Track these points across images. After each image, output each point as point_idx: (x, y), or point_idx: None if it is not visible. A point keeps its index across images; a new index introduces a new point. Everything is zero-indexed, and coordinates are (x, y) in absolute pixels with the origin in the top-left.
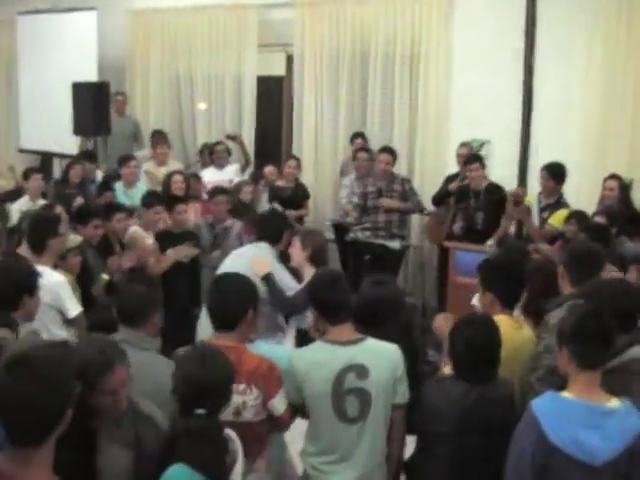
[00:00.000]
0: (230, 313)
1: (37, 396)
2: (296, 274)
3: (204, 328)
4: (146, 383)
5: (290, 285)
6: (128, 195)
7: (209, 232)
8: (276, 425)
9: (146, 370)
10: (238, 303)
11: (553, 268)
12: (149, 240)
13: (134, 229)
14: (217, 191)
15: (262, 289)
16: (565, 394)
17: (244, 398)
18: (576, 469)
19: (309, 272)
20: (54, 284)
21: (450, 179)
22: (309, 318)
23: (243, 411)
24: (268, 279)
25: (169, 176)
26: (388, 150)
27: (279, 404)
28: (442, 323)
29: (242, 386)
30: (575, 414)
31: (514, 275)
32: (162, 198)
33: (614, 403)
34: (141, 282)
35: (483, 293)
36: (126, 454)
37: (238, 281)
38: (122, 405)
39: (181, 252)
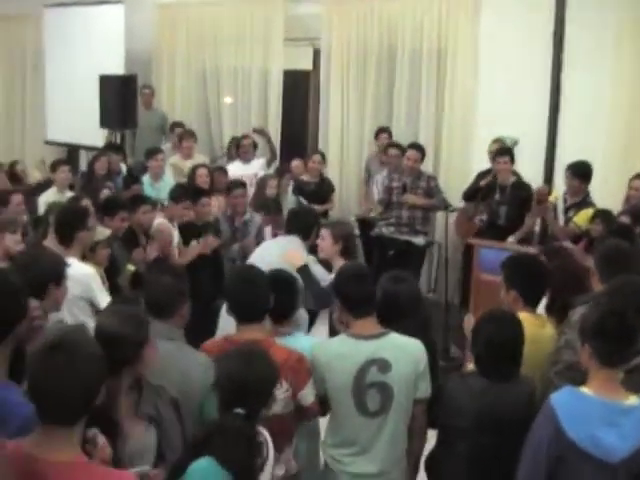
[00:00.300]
0: (257, 305)
1: (77, 377)
2: (326, 267)
3: (225, 320)
4: (172, 373)
5: (325, 277)
6: (155, 188)
7: (229, 226)
8: (304, 416)
9: (172, 360)
10: (265, 295)
11: (575, 267)
12: (175, 232)
13: (160, 221)
14: (235, 184)
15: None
16: (584, 390)
17: (274, 391)
18: (591, 465)
19: (339, 264)
20: (85, 276)
21: (482, 175)
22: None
23: (273, 404)
24: (304, 270)
25: (194, 169)
26: (417, 147)
27: (308, 395)
28: (472, 322)
29: None
30: (593, 411)
31: (538, 273)
32: (190, 192)
33: (632, 401)
34: (167, 273)
35: (507, 290)
36: (152, 431)
37: (262, 273)
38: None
39: (204, 244)
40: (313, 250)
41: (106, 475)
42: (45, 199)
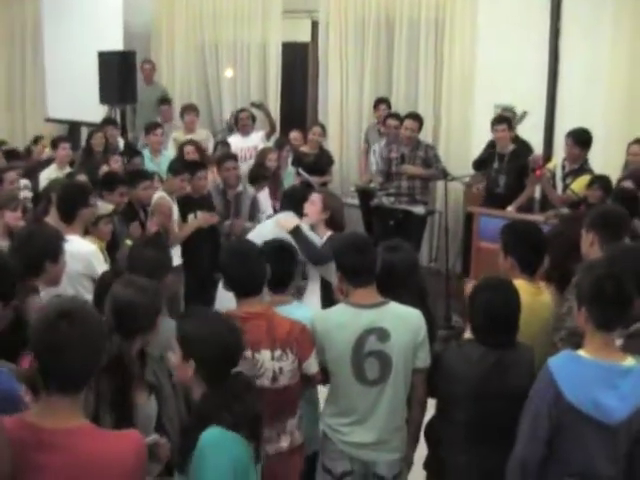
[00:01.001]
0: (253, 279)
1: (83, 346)
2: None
3: (223, 293)
4: (154, 344)
5: (317, 240)
6: (155, 163)
7: (221, 199)
8: (309, 385)
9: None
10: (260, 267)
11: (574, 234)
12: (174, 207)
13: (161, 195)
14: (226, 157)
15: None
16: (581, 353)
17: (280, 364)
18: (590, 427)
19: (323, 233)
20: (86, 253)
21: (493, 144)
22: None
23: (280, 377)
24: (297, 232)
25: (181, 146)
26: (414, 116)
27: (312, 364)
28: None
29: (278, 352)
30: (591, 373)
31: (535, 240)
32: (189, 165)
33: (630, 362)
34: (152, 247)
35: (504, 257)
36: (153, 400)
37: (255, 246)
38: None
39: (202, 219)
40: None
41: (112, 435)
42: (46, 175)
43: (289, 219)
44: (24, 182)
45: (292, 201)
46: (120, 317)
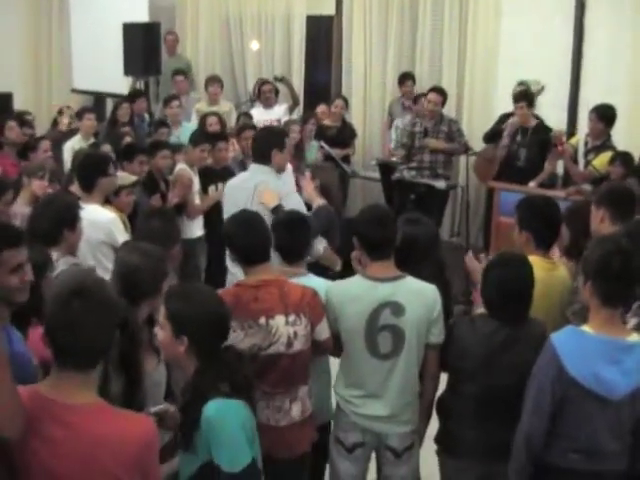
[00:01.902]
0: (259, 246)
1: (98, 322)
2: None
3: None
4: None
5: (301, 208)
6: (174, 134)
7: (239, 170)
8: (320, 351)
9: None
10: (265, 234)
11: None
12: (195, 178)
13: (181, 166)
14: (245, 126)
15: None
16: (585, 328)
17: (295, 328)
18: (593, 402)
19: (318, 202)
20: (107, 221)
21: (504, 118)
22: (319, 251)
23: (294, 341)
24: (278, 211)
25: (203, 117)
26: (437, 90)
27: (324, 330)
28: (472, 264)
29: (292, 317)
30: (594, 348)
31: (551, 215)
32: (209, 136)
33: (634, 338)
34: (158, 218)
35: (519, 232)
36: (162, 366)
37: (256, 214)
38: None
39: (221, 193)
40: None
41: (125, 417)
42: (70, 146)
43: (271, 195)
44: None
45: (254, 150)
46: (125, 282)
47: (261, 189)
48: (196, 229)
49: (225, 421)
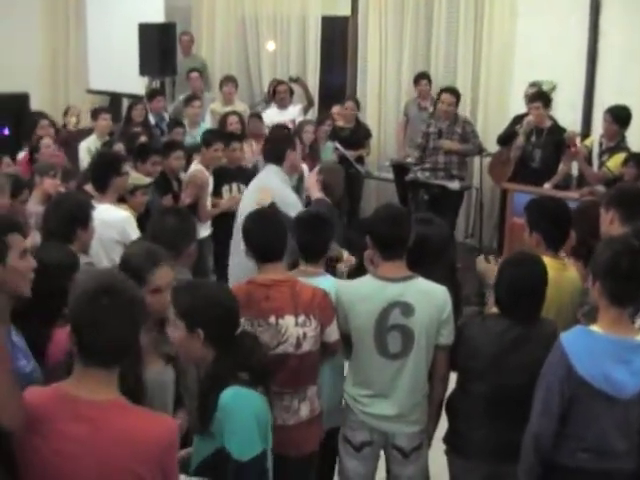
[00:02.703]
0: (275, 244)
1: (126, 320)
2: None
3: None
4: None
5: (297, 207)
6: (191, 135)
7: None
8: (328, 352)
9: None
10: (282, 233)
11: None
12: (210, 180)
13: (197, 168)
14: (277, 127)
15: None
16: (594, 328)
17: (304, 329)
18: (602, 402)
19: (316, 195)
20: (121, 220)
21: (518, 119)
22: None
23: (303, 342)
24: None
25: (225, 116)
26: (451, 90)
27: (333, 331)
28: (483, 265)
29: (302, 318)
30: (603, 348)
31: (561, 216)
32: (222, 135)
33: None
34: (174, 216)
35: (530, 233)
36: (169, 369)
37: (275, 213)
38: (165, 309)
39: (230, 203)
40: None
41: (147, 416)
42: (86, 146)
43: (265, 192)
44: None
45: (267, 151)
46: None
47: (261, 189)
48: (203, 229)
49: (239, 409)
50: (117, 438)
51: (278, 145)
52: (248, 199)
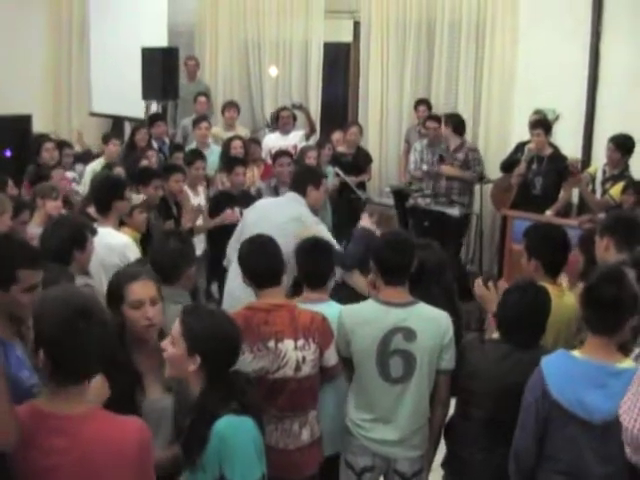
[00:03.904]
0: (272, 270)
1: (99, 341)
2: None
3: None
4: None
5: (333, 242)
6: None
7: (273, 195)
8: (328, 376)
9: None
10: (279, 259)
11: None
12: (194, 200)
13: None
14: (281, 153)
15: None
16: (575, 353)
17: (303, 353)
18: (575, 425)
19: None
20: (122, 245)
21: (520, 146)
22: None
23: (303, 366)
24: None
25: (229, 140)
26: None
27: (332, 355)
28: (481, 290)
29: (301, 341)
30: (579, 372)
31: (560, 242)
32: (202, 155)
33: (625, 364)
34: (172, 238)
35: (528, 259)
36: (168, 397)
37: (271, 239)
38: (152, 324)
39: (225, 217)
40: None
41: (119, 421)
42: (91, 169)
43: (307, 231)
44: (73, 175)
45: (292, 183)
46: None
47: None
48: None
49: (237, 435)
50: (94, 447)
51: (301, 181)
52: (268, 212)
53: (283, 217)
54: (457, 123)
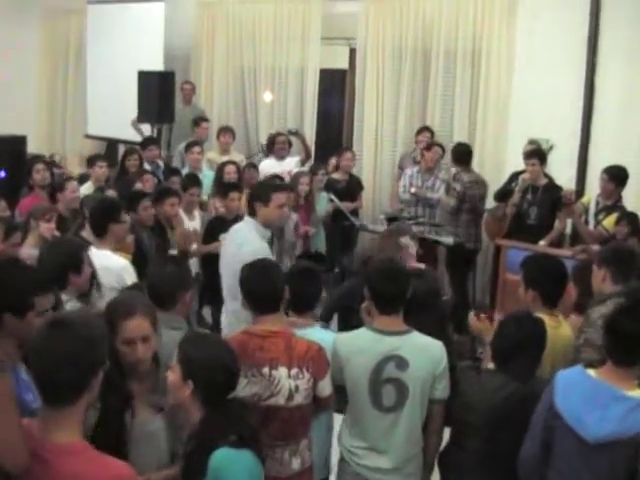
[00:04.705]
0: (272, 296)
1: (71, 353)
2: None
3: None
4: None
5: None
6: None
7: None
8: (321, 407)
9: (174, 349)
10: (280, 285)
11: None
12: (190, 224)
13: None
14: (275, 178)
15: None
16: (591, 371)
17: (297, 382)
18: (572, 439)
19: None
20: (120, 268)
21: (515, 176)
22: None
23: (295, 394)
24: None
25: (222, 165)
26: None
27: (326, 386)
28: (474, 322)
29: (294, 370)
30: (588, 390)
31: (558, 273)
32: (198, 180)
33: (636, 393)
34: (169, 263)
35: (525, 290)
36: (160, 419)
37: (274, 264)
38: (140, 361)
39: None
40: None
41: (103, 463)
42: (81, 192)
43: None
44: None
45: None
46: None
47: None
48: None
49: (231, 471)
50: None
51: (252, 197)
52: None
53: (233, 246)
54: (461, 153)
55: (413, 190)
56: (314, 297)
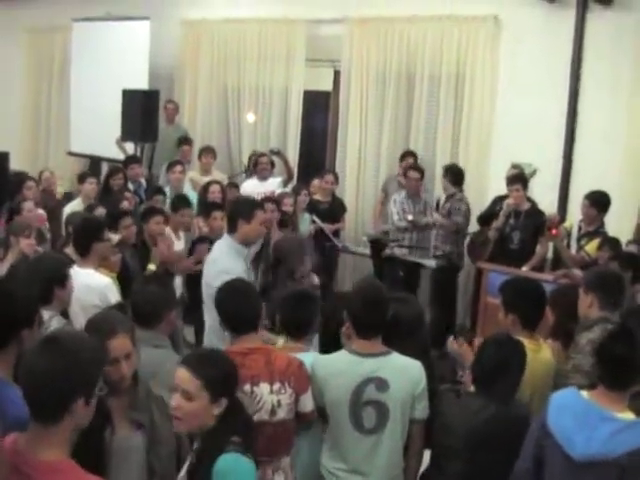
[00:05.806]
0: (249, 316)
1: (54, 371)
2: None
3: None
4: (158, 379)
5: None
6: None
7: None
8: (303, 422)
9: (157, 367)
10: (257, 305)
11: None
12: (175, 243)
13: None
14: (267, 199)
15: None
16: (584, 393)
17: (279, 397)
18: (560, 457)
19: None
20: (103, 287)
21: (498, 200)
22: None
23: (278, 410)
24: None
25: (207, 185)
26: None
27: (308, 401)
28: (454, 347)
29: (277, 385)
30: (580, 410)
31: (537, 297)
32: (189, 201)
33: (625, 415)
34: (155, 283)
35: (505, 314)
36: (139, 435)
37: (249, 284)
38: (124, 378)
39: (196, 258)
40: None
41: None
42: (69, 210)
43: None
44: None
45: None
46: None
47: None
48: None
49: (242, 472)
50: None
51: (232, 214)
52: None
53: (208, 263)
54: (455, 174)
55: (410, 217)
56: (308, 322)
